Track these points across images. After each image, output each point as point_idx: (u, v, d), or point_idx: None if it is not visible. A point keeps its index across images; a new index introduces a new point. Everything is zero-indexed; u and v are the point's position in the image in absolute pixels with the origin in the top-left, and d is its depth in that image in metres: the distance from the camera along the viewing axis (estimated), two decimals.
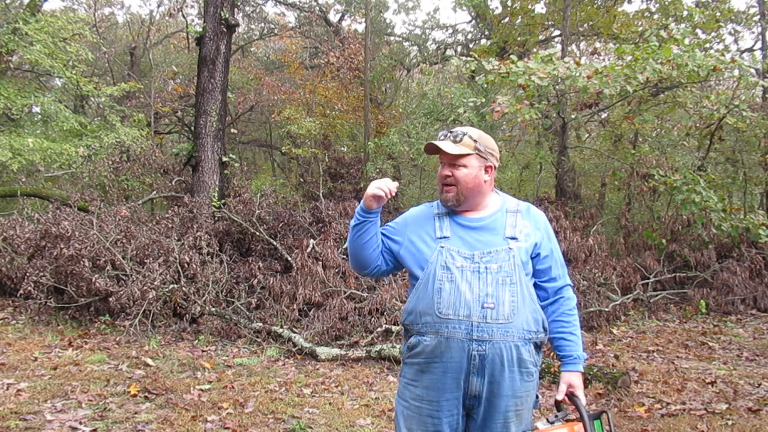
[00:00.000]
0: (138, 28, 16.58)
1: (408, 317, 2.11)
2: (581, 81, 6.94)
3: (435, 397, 2.04)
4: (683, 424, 3.99)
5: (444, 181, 2.14)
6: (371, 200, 2.09)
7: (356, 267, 2.27)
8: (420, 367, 2.07)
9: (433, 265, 2.06)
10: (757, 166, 9.53)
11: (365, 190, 2.12)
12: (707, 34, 10.97)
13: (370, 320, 6.19)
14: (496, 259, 2.05)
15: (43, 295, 6.58)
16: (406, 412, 2.10)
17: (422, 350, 2.05)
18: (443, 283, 2.03)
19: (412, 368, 2.09)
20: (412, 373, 2.10)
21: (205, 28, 8.71)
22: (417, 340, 2.07)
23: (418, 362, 2.07)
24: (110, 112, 10.78)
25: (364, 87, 11.70)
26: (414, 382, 2.09)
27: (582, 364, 2.15)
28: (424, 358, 2.05)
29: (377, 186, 2.09)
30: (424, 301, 2.04)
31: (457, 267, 2.04)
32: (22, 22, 9.06)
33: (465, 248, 2.07)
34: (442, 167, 2.16)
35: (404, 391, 2.13)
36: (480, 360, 1.99)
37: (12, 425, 3.81)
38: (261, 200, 8.07)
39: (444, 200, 2.15)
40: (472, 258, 2.05)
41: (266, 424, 4.06)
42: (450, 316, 2.00)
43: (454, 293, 2.01)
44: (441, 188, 2.16)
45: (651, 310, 7.69)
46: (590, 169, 11.44)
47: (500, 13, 13.57)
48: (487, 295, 2.00)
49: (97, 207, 7.40)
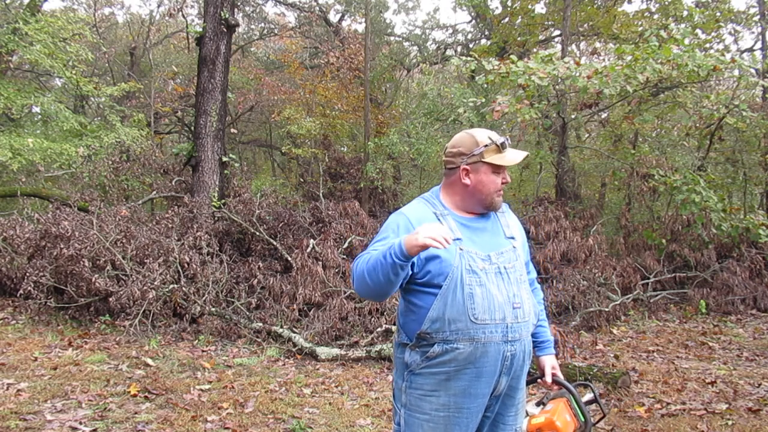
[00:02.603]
0: (138, 28, 16.59)
1: (431, 326, 1.97)
2: (581, 81, 6.94)
3: (466, 404, 1.99)
4: (683, 424, 3.99)
5: (501, 188, 2.10)
6: (419, 249, 1.80)
7: (373, 298, 2.06)
8: (447, 375, 1.98)
9: (458, 270, 1.97)
10: (757, 166, 9.53)
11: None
12: (707, 34, 10.97)
13: (370, 320, 6.19)
14: (509, 259, 2.08)
15: (43, 295, 6.58)
16: (428, 425, 2.00)
17: (452, 358, 1.97)
18: (473, 288, 1.96)
19: (433, 378, 2.00)
20: (432, 383, 2.00)
21: (205, 28, 8.71)
22: (443, 349, 1.97)
23: (445, 371, 1.98)
24: (110, 112, 10.77)
25: (364, 87, 11.70)
26: (435, 392, 1.99)
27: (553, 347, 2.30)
28: (453, 366, 1.97)
29: (432, 237, 1.76)
30: (454, 308, 1.95)
31: (480, 269, 1.99)
32: (22, 22, 9.06)
33: (480, 249, 2.04)
34: (500, 173, 2.09)
35: (420, 403, 2.02)
36: (511, 360, 2.04)
37: (12, 425, 3.81)
38: (261, 200, 8.07)
39: (497, 205, 2.12)
40: (490, 259, 2.03)
41: (266, 424, 4.06)
42: (487, 321, 1.97)
43: (487, 297, 1.98)
44: (493, 195, 2.09)
45: (651, 310, 7.69)
46: (590, 169, 11.44)
47: (500, 13, 13.57)
48: (514, 295, 2.04)
49: (97, 207, 7.39)
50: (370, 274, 1.89)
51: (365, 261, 1.93)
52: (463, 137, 2.12)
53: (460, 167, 2.08)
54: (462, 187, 2.10)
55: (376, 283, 1.89)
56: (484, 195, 2.08)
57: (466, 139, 2.10)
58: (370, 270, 1.89)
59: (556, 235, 8.05)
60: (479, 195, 2.08)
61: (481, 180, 2.07)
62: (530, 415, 2.21)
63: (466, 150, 2.08)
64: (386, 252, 1.84)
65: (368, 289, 1.94)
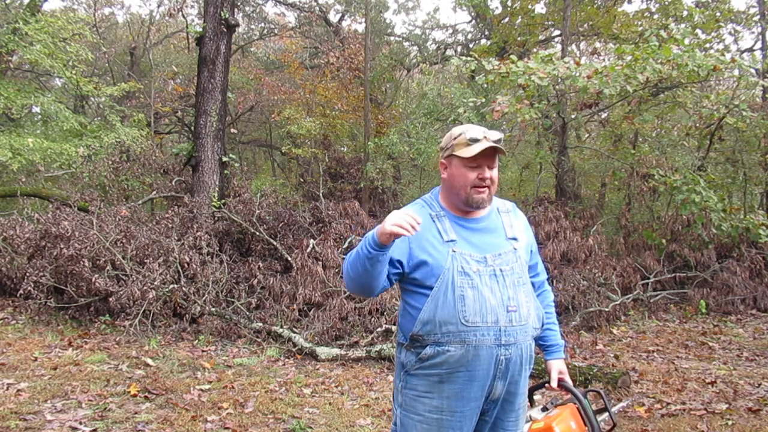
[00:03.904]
0: (138, 28, 16.59)
1: (423, 328, 1.96)
2: (581, 81, 6.94)
3: (459, 407, 1.98)
4: (683, 424, 3.99)
5: (482, 183, 2.02)
6: (388, 237, 1.82)
7: (360, 292, 2.06)
8: (439, 378, 1.97)
9: (449, 272, 1.96)
10: (757, 166, 9.53)
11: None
12: (707, 34, 10.97)
13: (370, 320, 6.19)
14: (507, 261, 2.04)
15: (43, 295, 6.58)
16: (421, 426, 2.00)
17: (444, 360, 1.96)
18: (465, 290, 1.95)
19: (426, 380, 1.99)
20: (426, 384, 1.99)
21: (205, 28, 8.72)
22: (434, 351, 1.96)
23: (437, 373, 1.97)
24: (110, 112, 10.78)
25: (364, 87, 11.70)
26: (428, 393, 1.99)
27: (563, 351, 2.24)
28: (445, 369, 1.96)
29: (397, 224, 1.79)
30: (445, 309, 1.94)
31: (474, 271, 1.97)
32: (22, 22, 9.06)
33: (475, 251, 2.01)
34: (477, 168, 2.01)
35: (414, 404, 2.01)
36: (505, 364, 1.99)
37: (12, 425, 3.81)
38: (261, 200, 8.07)
39: (476, 202, 2.03)
40: (485, 261, 2.00)
41: (266, 424, 4.06)
42: (477, 323, 1.94)
43: (479, 299, 1.95)
44: (470, 190, 2.02)
45: (651, 310, 7.69)
46: (590, 169, 11.43)
47: (500, 13, 13.57)
48: (509, 298, 1.99)
49: (97, 207, 7.40)
50: (352, 266, 1.96)
51: (349, 255, 2.00)
52: (448, 133, 2.12)
53: (441, 162, 2.12)
54: (444, 182, 2.12)
55: (357, 275, 1.95)
56: (457, 189, 2.04)
57: (446, 135, 2.12)
58: (352, 263, 1.96)
59: (556, 235, 8.06)
60: (454, 189, 2.05)
61: (453, 173, 2.05)
62: (532, 420, 2.18)
63: (444, 144, 2.11)
64: (362, 243, 1.91)
65: (352, 283, 2.00)
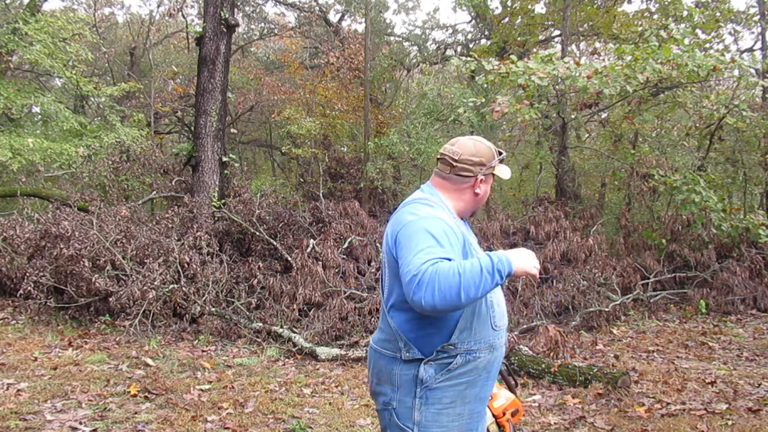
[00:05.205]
0: (138, 28, 16.58)
1: (460, 335, 1.90)
2: (581, 81, 6.94)
3: (478, 408, 2.00)
4: (683, 424, 3.99)
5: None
6: (525, 276, 1.87)
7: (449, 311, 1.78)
8: (466, 385, 1.94)
9: None
10: (757, 166, 9.53)
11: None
12: (707, 34, 10.98)
13: (370, 320, 6.19)
14: None
15: (43, 295, 6.58)
16: None
17: (474, 367, 1.94)
18: (493, 294, 1.97)
19: (453, 390, 1.92)
20: (452, 395, 1.93)
21: (205, 28, 8.72)
22: (465, 359, 1.92)
23: (465, 381, 1.94)
24: (110, 112, 10.78)
25: (364, 87, 11.70)
26: (453, 403, 1.94)
27: None
28: (473, 375, 1.95)
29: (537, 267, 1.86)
30: (481, 316, 1.93)
31: None
32: (22, 22, 9.06)
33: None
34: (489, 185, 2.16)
35: (438, 417, 1.93)
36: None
37: (12, 425, 3.81)
38: (261, 200, 8.07)
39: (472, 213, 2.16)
40: None
41: (266, 424, 4.06)
42: (501, 327, 2.02)
43: (500, 303, 2.03)
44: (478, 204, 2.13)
45: (651, 310, 7.69)
46: (590, 169, 11.44)
47: (500, 13, 13.57)
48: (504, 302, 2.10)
49: (97, 207, 7.40)
50: (467, 288, 1.69)
51: (455, 272, 1.69)
52: (481, 147, 2.07)
53: (477, 177, 2.06)
54: (472, 196, 2.09)
55: (469, 299, 1.70)
56: (479, 204, 2.14)
57: (485, 151, 2.07)
58: (469, 284, 1.69)
59: (556, 235, 8.06)
60: (480, 204, 2.14)
61: (486, 191, 2.13)
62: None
63: (486, 161, 2.06)
64: (492, 269, 1.72)
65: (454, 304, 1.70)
